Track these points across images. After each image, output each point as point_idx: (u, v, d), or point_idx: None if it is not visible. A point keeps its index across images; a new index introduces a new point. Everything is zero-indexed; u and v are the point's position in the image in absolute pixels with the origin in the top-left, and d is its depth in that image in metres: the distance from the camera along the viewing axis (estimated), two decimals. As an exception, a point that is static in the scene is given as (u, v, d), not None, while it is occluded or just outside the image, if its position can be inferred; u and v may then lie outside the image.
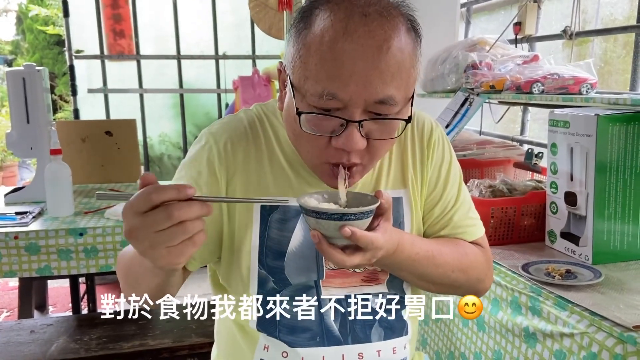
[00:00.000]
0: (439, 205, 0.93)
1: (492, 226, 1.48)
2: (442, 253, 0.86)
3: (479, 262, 0.92)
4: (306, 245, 0.87)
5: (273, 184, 0.86)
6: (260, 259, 0.86)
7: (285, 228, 0.86)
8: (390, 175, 0.91)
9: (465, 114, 1.98)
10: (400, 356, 0.94)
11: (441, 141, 0.94)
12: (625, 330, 0.96)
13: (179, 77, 3.90)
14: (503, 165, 1.94)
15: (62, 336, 1.75)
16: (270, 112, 0.91)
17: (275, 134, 0.88)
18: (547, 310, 1.14)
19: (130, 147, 2.43)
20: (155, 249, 0.62)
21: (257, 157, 0.87)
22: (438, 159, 0.93)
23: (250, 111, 0.91)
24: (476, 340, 1.39)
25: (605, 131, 1.26)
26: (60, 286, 3.31)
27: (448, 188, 0.93)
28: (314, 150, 0.77)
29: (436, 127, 0.94)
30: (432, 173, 0.92)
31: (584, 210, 1.31)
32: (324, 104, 0.72)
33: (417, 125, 0.93)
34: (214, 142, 0.86)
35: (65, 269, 1.77)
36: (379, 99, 0.72)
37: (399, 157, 0.92)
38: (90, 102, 3.80)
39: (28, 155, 2.07)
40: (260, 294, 0.87)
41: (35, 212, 1.87)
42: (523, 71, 1.84)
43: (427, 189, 0.92)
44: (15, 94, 2.01)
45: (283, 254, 0.86)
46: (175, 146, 4.07)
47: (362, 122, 0.73)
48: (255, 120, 0.89)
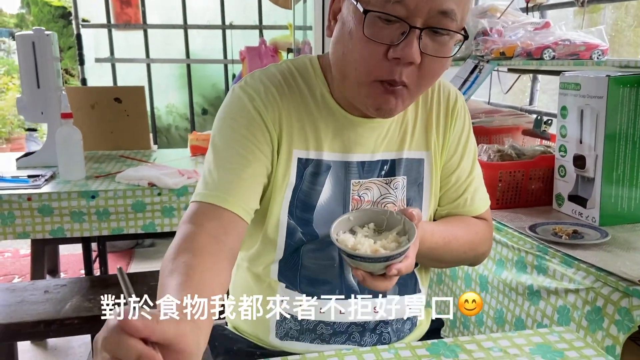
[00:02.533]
0: (455, 174, 0.96)
1: (499, 190, 1.49)
2: (457, 237, 0.91)
3: (486, 237, 0.99)
4: (334, 199, 0.89)
5: (310, 135, 0.87)
6: (290, 210, 0.88)
7: (316, 182, 0.88)
8: (415, 137, 0.93)
9: (474, 82, 1.97)
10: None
11: (463, 111, 0.96)
12: (631, 284, 0.98)
13: (185, 47, 3.89)
14: (511, 133, 1.94)
15: (75, 296, 1.78)
16: (302, 66, 0.90)
17: (308, 86, 0.89)
18: (553, 268, 1.16)
19: (139, 114, 2.44)
20: None
21: (295, 109, 0.87)
22: (459, 127, 0.96)
23: (281, 66, 0.91)
24: (480, 301, 1.41)
25: (616, 93, 1.26)
26: (70, 253, 3.37)
27: (465, 158, 0.96)
28: (369, 63, 0.77)
29: (460, 97, 0.97)
30: (453, 139, 0.95)
31: (592, 172, 1.32)
32: (389, 8, 0.73)
33: (443, 92, 0.95)
34: (254, 91, 0.86)
35: (77, 231, 1.80)
36: (442, 9, 0.73)
37: (424, 121, 0.94)
38: (97, 72, 3.80)
39: (39, 120, 2.09)
40: (288, 244, 0.89)
41: (47, 175, 1.90)
42: (534, 37, 1.83)
43: (447, 154, 0.95)
44: (25, 58, 2.02)
45: (312, 207, 0.88)
46: (182, 117, 4.08)
47: (423, 30, 0.74)
48: (287, 74, 0.89)
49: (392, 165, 0.92)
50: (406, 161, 0.92)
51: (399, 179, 0.92)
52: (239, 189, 0.81)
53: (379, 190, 0.91)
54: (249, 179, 0.82)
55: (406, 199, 0.93)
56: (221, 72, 3.99)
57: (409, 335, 0.99)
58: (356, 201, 0.90)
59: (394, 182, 0.92)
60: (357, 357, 0.81)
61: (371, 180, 0.91)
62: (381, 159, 0.91)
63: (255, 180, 0.84)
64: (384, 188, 0.92)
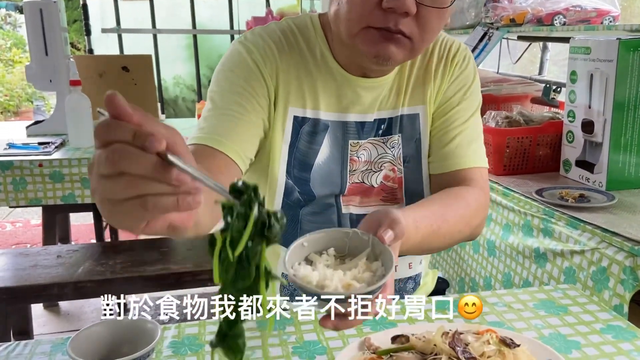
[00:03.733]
0: (446, 117, 0.92)
1: (507, 156, 1.49)
2: (447, 218, 0.83)
3: (480, 207, 0.90)
4: (332, 159, 0.89)
5: (307, 94, 0.87)
6: (287, 170, 0.88)
7: (314, 141, 0.88)
8: (410, 92, 0.91)
9: (483, 49, 1.96)
10: (415, 271, 0.99)
11: (467, 62, 0.93)
12: (636, 244, 0.99)
13: (192, 17, 3.86)
14: (520, 101, 1.93)
15: (87, 260, 1.82)
16: (302, 24, 0.90)
17: (307, 44, 0.89)
18: (559, 231, 1.17)
19: (147, 83, 2.44)
20: (96, 196, 0.45)
21: (294, 66, 0.87)
22: (459, 76, 0.93)
23: (281, 23, 0.91)
24: (486, 265, 1.43)
25: (627, 57, 1.25)
26: (81, 223, 3.41)
27: (462, 105, 0.92)
28: (360, 12, 0.76)
29: (464, 49, 0.94)
30: (448, 87, 0.92)
31: (601, 137, 1.32)
32: None
33: (444, 45, 0.93)
34: (253, 45, 0.86)
35: (88, 197, 1.83)
36: None
37: (421, 74, 0.92)
38: (104, 43, 3.79)
39: (47, 88, 2.10)
40: (285, 203, 0.90)
41: (57, 142, 1.92)
42: (545, 3, 1.80)
43: (441, 100, 0.92)
44: (33, 26, 2.02)
45: (310, 166, 0.89)
46: (189, 88, 4.08)
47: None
48: (287, 31, 0.89)
49: (389, 123, 0.91)
50: (401, 118, 0.91)
51: (395, 137, 0.92)
52: (235, 135, 0.80)
53: (376, 150, 0.91)
54: (245, 125, 0.82)
55: (402, 156, 0.93)
56: (228, 42, 3.97)
57: (413, 294, 1.01)
58: (354, 161, 0.91)
59: (390, 141, 0.92)
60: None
61: (368, 140, 0.91)
62: (377, 118, 0.91)
63: (251, 129, 0.83)
64: (380, 147, 0.91)
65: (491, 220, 1.43)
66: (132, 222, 0.46)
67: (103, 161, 0.42)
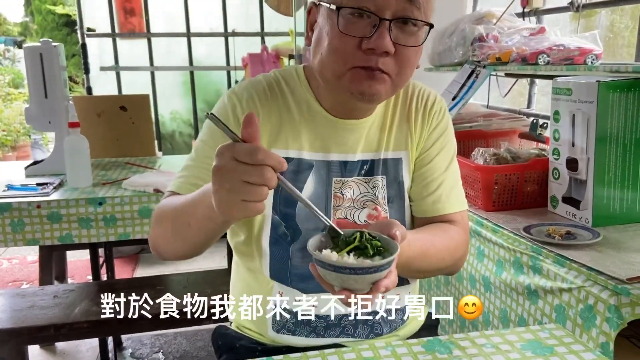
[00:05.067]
0: (427, 167, 1.00)
1: (495, 192, 1.53)
2: (434, 243, 0.93)
3: (462, 241, 1.00)
4: (316, 195, 0.95)
5: (289, 136, 0.94)
6: (274, 206, 0.94)
7: (298, 179, 0.94)
8: (392, 138, 0.99)
9: (471, 86, 2.01)
10: (404, 302, 1.02)
11: (442, 113, 1.02)
12: (620, 282, 1.02)
13: (189, 54, 3.95)
14: (509, 136, 1.98)
15: (84, 300, 1.83)
16: (288, 75, 0.98)
17: (292, 93, 0.96)
18: (547, 268, 1.20)
19: (145, 122, 2.49)
20: (230, 194, 0.65)
21: (276, 112, 0.94)
22: (437, 126, 1.01)
23: (268, 75, 0.99)
24: (484, 300, 1.45)
25: (606, 98, 1.30)
26: (77, 259, 3.42)
27: (441, 154, 1.01)
28: (345, 55, 0.83)
29: (440, 100, 1.03)
30: (428, 136, 1.00)
31: (585, 174, 1.36)
32: (359, 3, 0.81)
33: (421, 95, 1.01)
34: (237, 98, 0.94)
35: (85, 237, 1.84)
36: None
37: (402, 122, 1.00)
38: (102, 80, 3.86)
39: (46, 129, 2.14)
40: (273, 238, 0.95)
41: (55, 183, 1.95)
42: (529, 43, 1.86)
43: (422, 149, 1.00)
44: (33, 69, 2.07)
45: (295, 202, 0.94)
46: (186, 123, 4.13)
47: (392, 21, 0.81)
48: (272, 82, 0.97)
49: (371, 165, 0.98)
50: (384, 161, 0.98)
51: (378, 178, 0.98)
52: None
53: (359, 189, 0.97)
54: None
55: (387, 198, 0.99)
56: (224, 78, 4.04)
57: (402, 328, 1.04)
58: (338, 198, 0.96)
59: (372, 182, 0.98)
60: (356, 354, 0.85)
61: (352, 179, 0.97)
62: (361, 159, 0.97)
63: None
64: (363, 187, 0.98)
65: (484, 256, 1.45)
66: (242, 215, 0.68)
67: (256, 176, 0.64)
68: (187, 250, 0.87)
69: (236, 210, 0.66)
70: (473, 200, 1.59)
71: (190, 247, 0.86)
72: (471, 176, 1.58)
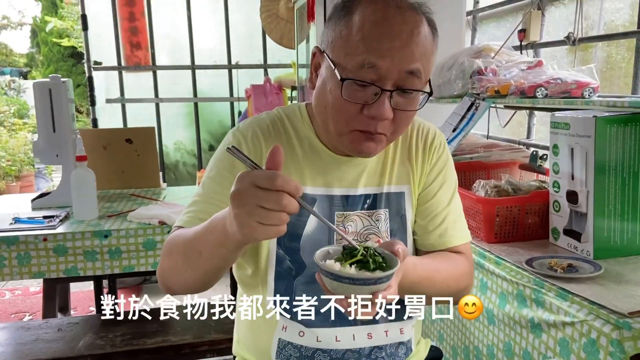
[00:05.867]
0: (431, 203, 1.03)
1: (497, 224, 1.54)
2: (440, 270, 0.96)
3: (466, 271, 1.03)
4: (319, 229, 0.97)
5: (292, 172, 0.97)
6: (278, 241, 0.96)
7: (301, 213, 0.95)
8: (395, 172, 1.02)
9: (471, 118, 2.05)
10: (407, 337, 1.03)
11: (442, 147, 1.05)
12: (622, 316, 1.03)
13: (193, 86, 4.02)
14: (509, 167, 2.01)
15: (88, 333, 1.83)
16: (291, 113, 1.02)
17: (295, 130, 0.99)
18: (549, 302, 1.21)
19: (149, 154, 2.53)
20: (248, 218, 0.68)
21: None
22: (437, 161, 1.04)
23: (272, 113, 1.02)
24: (488, 333, 1.45)
25: (604, 132, 1.32)
26: (79, 290, 3.41)
27: (442, 189, 1.04)
28: (347, 118, 0.88)
29: (439, 135, 1.06)
30: (429, 171, 1.03)
31: (585, 207, 1.38)
32: (362, 74, 0.84)
33: (421, 131, 1.05)
34: (242, 136, 0.98)
35: (90, 269, 1.86)
36: (409, 69, 0.85)
37: (403, 157, 1.03)
38: (107, 112, 3.92)
39: (54, 162, 2.17)
40: (278, 272, 0.97)
41: (62, 215, 1.97)
42: (527, 76, 1.91)
43: (424, 184, 1.03)
44: (42, 104, 2.12)
45: (299, 236, 0.96)
46: (190, 153, 4.18)
47: (393, 92, 0.85)
48: (276, 120, 1.00)
49: (374, 199, 1.00)
50: (387, 195, 1.01)
51: (381, 212, 1.00)
52: None
53: (362, 222, 0.99)
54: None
55: (390, 230, 1.01)
56: (227, 109, 4.11)
57: None
58: (341, 231, 0.97)
59: (375, 215, 1.00)
60: (361, 391, 0.86)
61: (355, 213, 0.99)
62: (363, 193, 1.00)
63: None
64: (366, 220, 1.00)
65: (487, 289, 1.46)
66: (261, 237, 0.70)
67: (274, 201, 0.67)
68: (197, 280, 0.87)
69: (257, 233, 0.70)
70: (475, 232, 1.60)
71: (200, 276, 0.86)
72: (473, 208, 1.60)
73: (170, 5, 3.91)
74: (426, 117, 1.09)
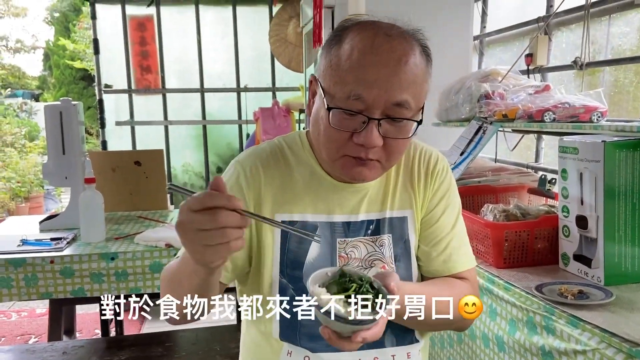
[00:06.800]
0: (434, 227, 1.01)
1: (506, 249, 1.53)
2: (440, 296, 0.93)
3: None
4: (322, 256, 0.96)
5: (293, 200, 0.97)
6: (281, 269, 0.95)
7: (302, 241, 0.96)
8: (397, 197, 1.01)
9: (479, 142, 2.05)
10: None
11: (445, 172, 1.04)
12: (634, 345, 1.01)
13: (202, 109, 4.06)
14: (517, 191, 1.99)
15: (92, 356, 1.82)
16: (291, 141, 1.02)
17: (296, 158, 0.99)
18: (560, 329, 1.18)
19: (158, 176, 2.54)
20: (194, 244, 0.71)
21: (279, 178, 0.98)
22: (440, 185, 1.03)
23: (273, 142, 1.03)
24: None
25: (613, 157, 1.32)
26: (85, 312, 3.40)
27: (446, 213, 1.02)
28: (337, 144, 0.88)
29: (442, 160, 1.05)
30: (432, 196, 1.02)
31: (595, 233, 1.36)
32: (350, 104, 0.84)
33: (424, 156, 1.04)
34: (241, 167, 0.98)
35: (97, 291, 1.86)
36: (396, 101, 0.84)
37: (406, 182, 1.02)
38: (117, 134, 3.96)
39: (63, 184, 2.19)
40: (282, 301, 0.95)
41: (69, 237, 1.97)
42: (534, 100, 1.91)
43: (427, 209, 1.02)
44: (52, 126, 2.15)
45: (302, 264, 0.95)
46: (197, 175, 4.20)
47: (381, 120, 0.85)
48: (276, 149, 1.01)
49: (377, 224, 0.99)
50: (389, 220, 1.00)
51: (385, 237, 0.99)
52: None
53: (366, 249, 0.98)
54: None
55: (394, 256, 0.99)
56: (236, 131, 4.14)
57: None
58: (343, 259, 0.97)
59: (379, 240, 0.99)
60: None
61: (358, 239, 0.98)
62: (365, 219, 0.99)
63: None
64: (370, 246, 0.98)
65: (497, 315, 1.44)
66: (216, 258, 0.72)
67: (207, 220, 0.69)
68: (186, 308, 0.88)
69: (207, 256, 0.72)
70: (484, 256, 1.59)
71: (184, 306, 0.87)
72: (481, 233, 1.59)
73: (180, 30, 3.98)
74: (434, 140, 1.09)
